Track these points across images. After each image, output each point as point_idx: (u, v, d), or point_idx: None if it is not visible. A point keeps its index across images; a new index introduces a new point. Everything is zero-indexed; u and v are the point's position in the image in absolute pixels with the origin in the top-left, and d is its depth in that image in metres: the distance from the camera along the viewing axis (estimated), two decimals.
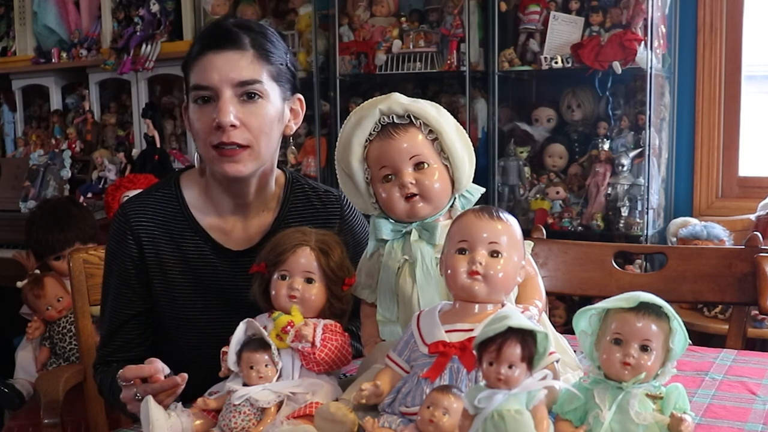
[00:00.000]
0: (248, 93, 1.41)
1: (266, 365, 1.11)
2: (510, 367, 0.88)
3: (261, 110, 1.42)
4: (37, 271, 2.63)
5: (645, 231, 2.86)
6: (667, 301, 0.99)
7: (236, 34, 1.43)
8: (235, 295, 1.47)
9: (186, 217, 1.51)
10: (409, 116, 1.23)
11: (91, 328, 1.87)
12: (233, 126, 1.38)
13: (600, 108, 3.05)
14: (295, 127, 1.52)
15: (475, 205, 1.24)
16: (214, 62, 1.40)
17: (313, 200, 1.58)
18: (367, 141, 1.25)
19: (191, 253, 1.50)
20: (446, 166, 1.24)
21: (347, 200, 1.60)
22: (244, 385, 1.12)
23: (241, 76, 1.40)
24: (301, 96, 1.53)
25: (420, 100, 1.26)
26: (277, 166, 1.56)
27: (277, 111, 1.45)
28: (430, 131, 1.23)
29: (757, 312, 2.06)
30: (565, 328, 2.64)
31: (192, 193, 1.53)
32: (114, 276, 1.52)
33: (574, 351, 1.22)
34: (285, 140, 1.51)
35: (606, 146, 2.96)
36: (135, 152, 3.78)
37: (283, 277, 1.18)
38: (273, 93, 1.44)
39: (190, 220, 1.51)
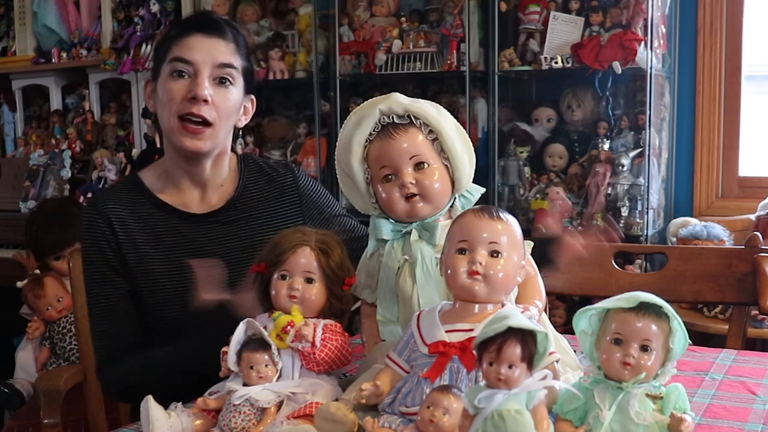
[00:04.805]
0: (222, 77, 1.53)
1: (266, 365, 1.11)
2: (510, 367, 0.88)
3: (229, 95, 1.54)
4: (37, 271, 2.63)
5: (645, 231, 2.86)
6: (667, 301, 0.99)
7: (222, 24, 1.57)
8: (207, 260, 1.54)
9: (148, 197, 1.59)
10: (409, 116, 1.23)
11: None
12: (205, 101, 1.50)
13: (600, 108, 3.05)
14: (245, 122, 1.64)
15: (475, 205, 1.24)
16: (200, 42, 1.52)
17: (266, 169, 1.70)
18: (367, 141, 1.25)
19: (159, 226, 1.57)
20: (446, 166, 1.24)
21: (297, 167, 1.75)
22: (244, 385, 1.12)
23: (222, 59, 1.53)
24: (253, 97, 1.65)
25: (420, 100, 1.26)
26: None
27: (239, 101, 1.58)
28: (430, 131, 1.23)
29: (757, 312, 2.06)
30: (565, 328, 2.64)
31: (150, 178, 1.62)
32: (95, 263, 1.56)
33: (574, 351, 1.22)
34: (235, 131, 1.66)
35: (606, 146, 2.96)
36: (135, 152, 3.78)
37: (283, 277, 1.18)
38: (239, 85, 1.57)
39: (153, 198, 1.59)
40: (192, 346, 1.45)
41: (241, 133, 1.71)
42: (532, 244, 1.19)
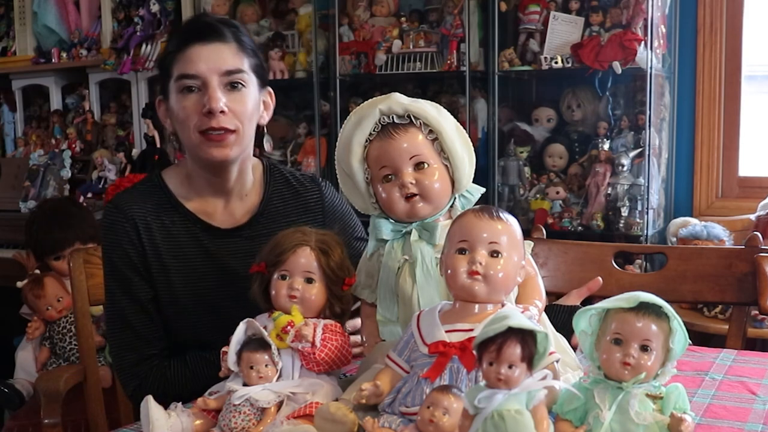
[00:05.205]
0: (232, 82, 1.48)
1: (266, 365, 1.11)
2: (510, 367, 0.88)
3: (244, 98, 1.50)
4: (37, 271, 2.63)
5: (645, 231, 2.86)
6: (667, 301, 0.99)
7: (219, 27, 1.50)
8: (229, 276, 1.52)
9: (173, 204, 1.55)
10: (409, 116, 1.23)
11: (91, 328, 1.87)
12: (222, 112, 1.45)
13: (600, 108, 3.05)
14: (267, 118, 1.60)
15: (475, 205, 1.24)
16: (201, 53, 1.47)
17: (292, 182, 1.66)
18: (367, 141, 1.25)
19: (183, 236, 1.54)
20: (446, 166, 1.24)
21: (323, 181, 1.70)
22: (244, 385, 1.11)
23: (227, 65, 1.47)
24: (271, 90, 1.61)
25: (420, 100, 1.26)
26: (255, 156, 1.64)
27: (256, 100, 1.54)
28: (430, 131, 1.23)
29: (757, 312, 2.06)
30: None
31: (174, 183, 1.57)
32: (120, 267, 1.52)
33: (574, 351, 1.22)
34: (259, 130, 1.61)
35: (606, 146, 2.96)
36: (135, 152, 3.78)
37: (283, 277, 1.18)
38: (252, 83, 1.52)
39: (178, 205, 1.55)
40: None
41: (266, 130, 1.66)
42: (532, 244, 1.19)
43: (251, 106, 1.51)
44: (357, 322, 1.37)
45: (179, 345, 1.53)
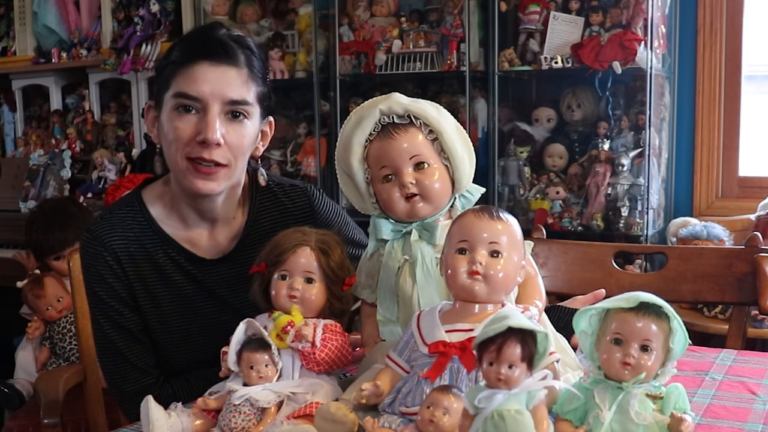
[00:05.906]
0: (235, 112, 1.38)
1: (266, 365, 1.11)
2: (510, 367, 0.88)
3: (244, 130, 1.40)
4: (37, 271, 2.63)
5: (645, 231, 2.86)
6: (667, 301, 0.99)
7: (232, 48, 1.38)
8: (219, 303, 1.49)
9: (155, 231, 1.47)
10: (409, 116, 1.23)
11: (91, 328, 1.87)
12: (218, 144, 1.35)
13: (600, 108, 3.06)
14: (262, 149, 1.49)
15: (475, 205, 1.24)
16: (207, 74, 1.35)
17: (281, 197, 1.56)
18: (367, 141, 1.25)
19: (168, 265, 1.47)
20: (446, 166, 1.24)
21: (314, 191, 1.59)
22: (244, 385, 1.11)
23: (233, 94, 1.37)
24: (272, 119, 1.51)
25: (420, 100, 1.26)
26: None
27: (256, 131, 1.44)
28: (430, 131, 1.23)
29: (757, 312, 2.06)
30: None
31: (157, 208, 1.49)
32: (106, 301, 1.46)
33: (574, 351, 1.22)
34: (255, 160, 1.50)
35: (606, 146, 2.96)
36: (135, 152, 3.78)
37: (283, 277, 1.18)
38: (255, 115, 1.42)
39: (160, 233, 1.47)
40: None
41: (260, 162, 1.50)
42: (532, 244, 1.19)
43: (249, 139, 1.41)
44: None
45: (175, 369, 1.50)
